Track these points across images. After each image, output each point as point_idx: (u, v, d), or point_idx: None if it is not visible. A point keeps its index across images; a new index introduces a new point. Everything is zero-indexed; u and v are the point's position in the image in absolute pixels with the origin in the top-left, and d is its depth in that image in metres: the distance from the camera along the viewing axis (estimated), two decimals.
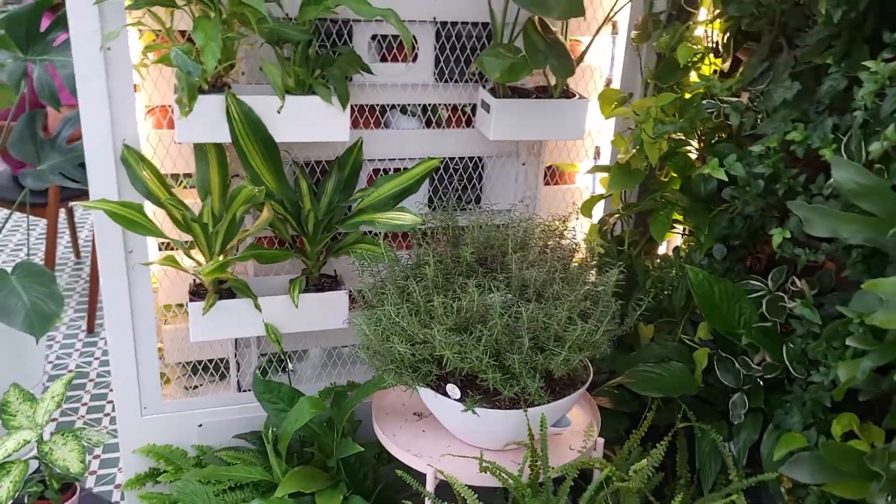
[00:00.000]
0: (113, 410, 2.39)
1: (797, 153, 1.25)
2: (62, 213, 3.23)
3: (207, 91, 1.42)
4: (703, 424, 1.51)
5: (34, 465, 1.84)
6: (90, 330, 2.86)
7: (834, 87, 1.23)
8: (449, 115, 1.75)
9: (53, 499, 1.80)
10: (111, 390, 2.50)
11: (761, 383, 1.46)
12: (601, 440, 1.51)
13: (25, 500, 1.81)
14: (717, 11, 1.50)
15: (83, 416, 2.37)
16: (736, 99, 1.43)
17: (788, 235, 1.28)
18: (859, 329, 1.12)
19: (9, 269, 1.78)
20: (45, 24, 1.89)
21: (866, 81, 1.07)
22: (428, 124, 1.75)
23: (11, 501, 1.66)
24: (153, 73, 1.55)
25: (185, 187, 1.70)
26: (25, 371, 1.99)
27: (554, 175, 1.93)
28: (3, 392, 1.82)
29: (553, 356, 1.26)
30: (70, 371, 2.59)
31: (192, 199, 1.59)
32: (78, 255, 3.48)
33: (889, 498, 1.11)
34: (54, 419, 2.34)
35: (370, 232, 1.65)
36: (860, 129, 1.14)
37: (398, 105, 1.72)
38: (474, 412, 1.32)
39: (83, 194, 3.01)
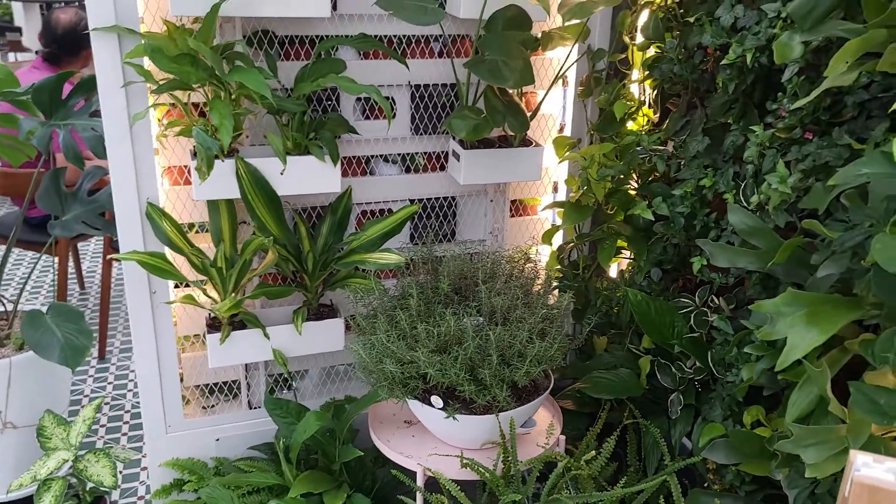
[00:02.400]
0: (130, 430, 2.63)
1: (707, 196, 1.54)
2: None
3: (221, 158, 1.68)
4: (648, 421, 1.79)
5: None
6: (101, 356, 3.10)
7: (734, 141, 1.52)
8: (425, 163, 2.03)
9: None
10: (126, 412, 2.74)
11: (696, 384, 1.75)
12: (563, 437, 1.79)
13: None
14: (646, 74, 1.79)
15: (103, 437, 2.61)
16: (662, 147, 1.72)
17: (705, 262, 1.57)
18: (758, 338, 1.41)
19: (43, 310, 2.02)
20: (66, 89, 2.13)
21: (750, 144, 1.36)
22: (407, 170, 2.02)
23: None
24: (170, 138, 1.80)
25: (197, 232, 1.96)
26: (54, 398, 2.22)
27: (518, 208, 2.21)
28: (39, 417, 2.07)
29: (517, 370, 1.53)
30: (87, 396, 2.83)
31: (204, 244, 1.85)
32: (83, 285, 3.71)
33: (786, 472, 1.40)
34: None
35: (359, 268, 1.91)
36: (752, 178, 1.43)
37: (381, 155, 1.99)
38: (455, 418, 1.59)
39: (87, 234, 3.24)
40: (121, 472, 2.41)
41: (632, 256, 1.93)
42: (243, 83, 1.54)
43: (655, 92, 1.85)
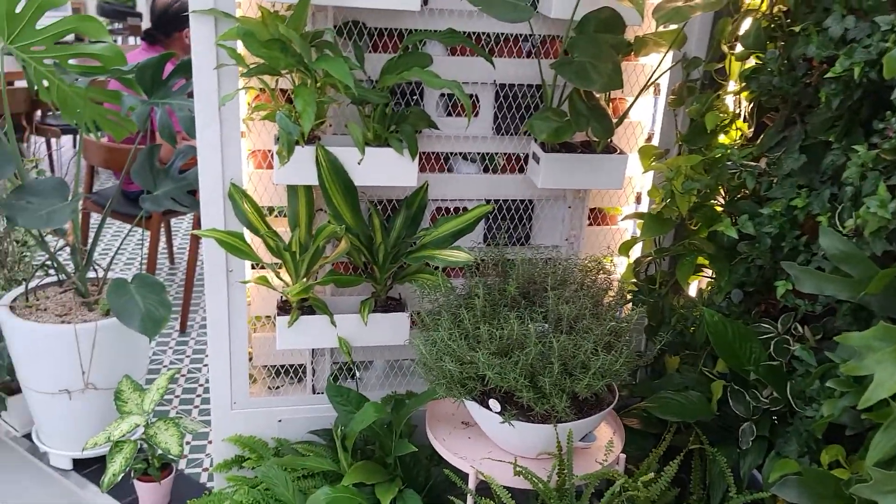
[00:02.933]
0: (202, 403, 2.72)
1: (799, 217, 1.44)
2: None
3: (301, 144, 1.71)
4: (716, 448, 1.70)
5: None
6: (182, 330, 3.22)
7: (834, 161, 1.42)
8: (504, 163, 2.00)
9: (155, 475, 2.12)
10: (200, 385, 2.84)
11: (772, 416, 1.65)
12: (623, 456, 1.72)
13: (132, 475, 2.14)
14: (743, 85, 1.70)
15: (176, 407, 2.71)
16: (754, 164, 1.62)
17: (790, 287, 1.47)
18: (843, 373, 1.31)
19: (128, 279, 2.11)
20: (167, 69, 2.23)
21: (851, 164, 1.27)
22: (486, 170, 2.00)
23: (123, 474, 1.99)
24: (256, 122, 1.85)
25: (276, 216, 2.00)
26: (134, 365, 2.32)
27: (598, 216, 2.15)
28: (118, 382, 2.16)
29: (578, 381, 1.48)
30: (165, 366, 2.95)
31: (282, 228, 1.89)
32: (172, 261, 3.87)
33: None
34: None
35: (429, 264, 1.90)
36: (850, 201, 1.33)
37: (460, 152, 1.98)
38: (511, 424, 1.56)
39: (180, 212, 3.37)
40: (188, 443, 2.49)
41: (712, 275, 1.84)
42: (329, 72, 1.55)
43: (752, 105, 1.75)
